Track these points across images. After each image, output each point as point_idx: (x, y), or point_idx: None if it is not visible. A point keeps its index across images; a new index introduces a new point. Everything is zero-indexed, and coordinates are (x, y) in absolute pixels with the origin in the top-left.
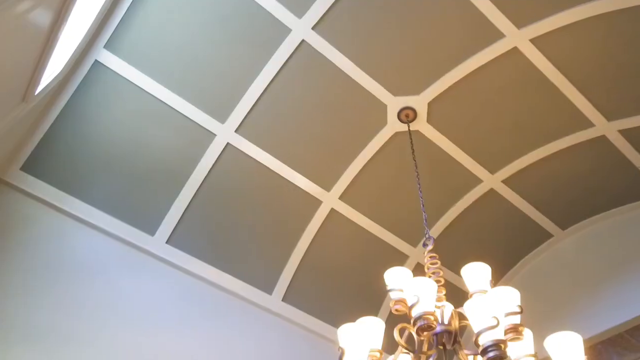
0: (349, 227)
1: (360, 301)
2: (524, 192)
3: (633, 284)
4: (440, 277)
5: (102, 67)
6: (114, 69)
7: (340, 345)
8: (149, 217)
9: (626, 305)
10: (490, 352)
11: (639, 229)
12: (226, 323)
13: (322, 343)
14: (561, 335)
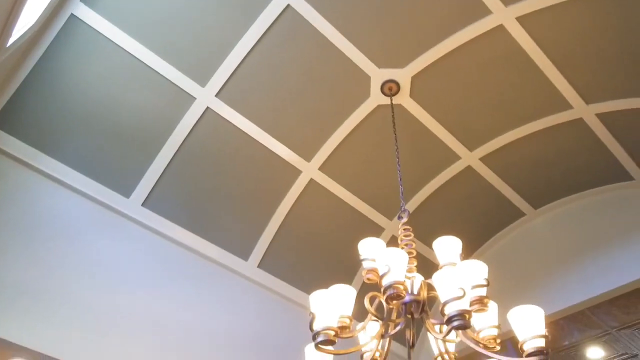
0: (327, 198)
1: (335, 270)
2: (500, 171)
3: (597, 264)
4: (413, 249)
5: (78, 21)
6: (91, 24)
7: (311, 310)
8: (125, 179)
9: (589, 284)
10: (455, 322)
11: (607, 212)
12: (202, 287)
13: (297, 309)
14: (524, 308)
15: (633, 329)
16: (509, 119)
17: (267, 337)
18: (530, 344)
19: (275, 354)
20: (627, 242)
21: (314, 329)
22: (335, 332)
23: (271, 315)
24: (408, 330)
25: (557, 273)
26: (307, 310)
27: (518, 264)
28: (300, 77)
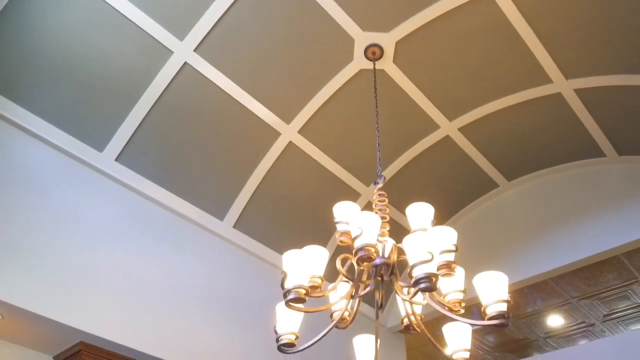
0: (305, 161)
1: (311, 233)
2: (478, 142)
3: (563, 237)
4: (386, 214)
5: None
6: None
7: (283, 269)
8: (98, 132)
9: (555, 255)
10: (422, 284)
11: (577, 186)
12: (177, 246)
13: (271, 270)
14: (488, 274)
15: (592, 300)
16: (489, 90)
17: (241, 296)
18: (493, 308)
19: (249, 312)
20: (593, 217)
21: (285, 287)
22: (306, 290)
23: (246, 275)
24: (377, 292)
25: (525, 244)
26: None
27: (488, 233)
28: (283, 36)
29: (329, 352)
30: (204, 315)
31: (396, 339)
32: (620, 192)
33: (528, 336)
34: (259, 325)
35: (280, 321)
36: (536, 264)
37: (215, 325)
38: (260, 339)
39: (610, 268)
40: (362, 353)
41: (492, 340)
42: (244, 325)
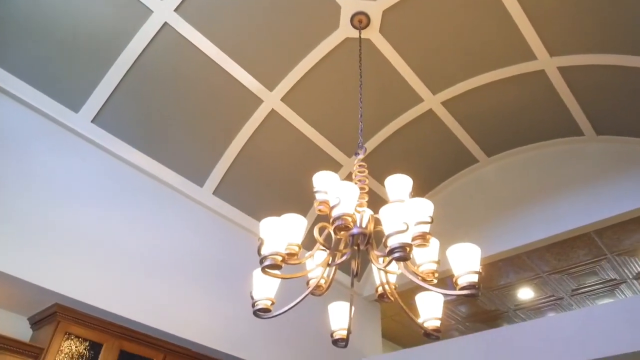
0: (287, 130)
1: (291, 202)
2: (460, 117)
3: (538, 213)
4: (366, 185)
5: None
6: None
7: (260, 236)
8: (74, 92)
9: (529, 230)
10: (396, 253)
11: (554, 164)
12: (155, 210)
13: (250, 237)
14: (462, 246)
15: (562, 274)
16: (474, 65)
17: (219, 261)
18: (464, 279)
19: (227, 277)
20: (568, 194)
21: (262, 254)
22: (282, 257)
23: (224, 241)
24: (354, 261)
25: (501, 219)
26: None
27: (466, 207)
28: (268, 0)
29: (305, 318)
30: (181, 279)
31: (372, 307)
32: (595, 171)
33: (499, 308)
34: (236, 290)
35: (257, 287)
36: (511, 239)
37: (192, 289)
38: (237, 303)
39: (581, 244)
40: (336, 319)
41: (464, 311)
42: (221, 290)
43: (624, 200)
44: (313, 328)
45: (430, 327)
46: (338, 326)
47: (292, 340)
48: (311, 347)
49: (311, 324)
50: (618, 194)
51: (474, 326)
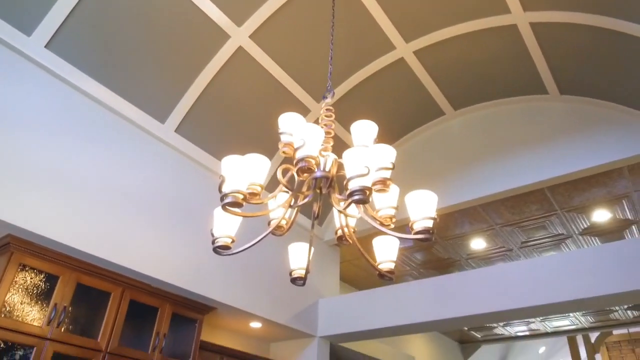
0: (255, 70)
1: (255, 144)
2: (431, 67)
3: (497, 167)
4: (332, 130)
5: None
6: None
7: (222, 173)
8: (26, 14)
9: (487, 184)
10: (356, 196)
11: (517, 121)
12: (113, 144)
13: (211, 177)
14: (420, 192)
15: (514, 227)
16: (449, 14)
17: (180, 200)
18: (420, 224)
19: (187, 216)
20: (527, 151)
21: (223, 191)
22: (243, 196)
23: (185, 180)
24: (315, 204)
25: (461, 171)
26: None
27: (429, 159)
28: None
29: (266, 258)
30: (141, 215)
31: (332, 251)
32: (555, 129)
33: (452, 256)
34: (197, 229)
35: (217, 224)
36: (469, 191)
37: (151, 226)
38: (198, 241)
39: (535, 200)
40: (296, 259)
41: (419, 258)
42: (182, 228)
43: (578, 159)
44: (273, 268)
45: (385, 269)
46: (297, 265)
47: (253, 278)
48: (271, 286)
49: (272, 263)
50: (573, 153)
51: (428, 273)
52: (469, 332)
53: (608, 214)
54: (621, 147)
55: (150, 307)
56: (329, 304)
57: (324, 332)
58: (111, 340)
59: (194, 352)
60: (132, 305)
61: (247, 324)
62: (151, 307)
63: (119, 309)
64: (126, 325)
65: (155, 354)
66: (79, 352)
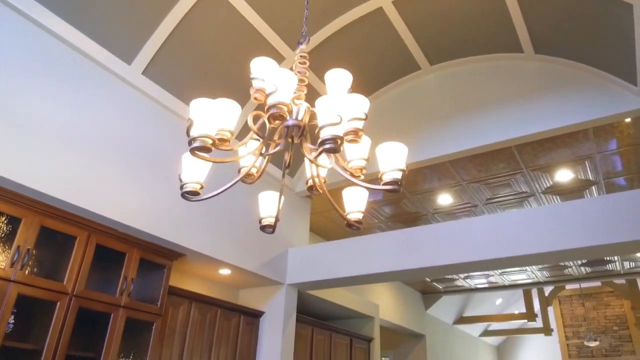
0: (228, 12)
1: (226, 90)
2: (409, 20)
3: (468, 124)
4: (305, 78)
5: None
6: None
7: (190, 116)
8: None
9: (457, 140)
10: (327, 144)
11: (491, 78)
12: (76, 85)
13: (180, 123)
14: (390, 144)
15: (480, 184)
16: None
17: (147, 144)
18: (389, 175)
19: (155, 161)
20: (498, 109)
21: (191, 135)
22: (212, 140)
23: (154, 125)
24: (286, 152)
25: (433, 127)
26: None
27: (402, 114)
28: None
29: (235, 205)
30: (107, 159)
31: (303, 202)
32: (526, 89)
33: (419, 210)
34: (166, 175)
35: (186, 170)
36: (439, 147)
37: (119, 170)
38: (167, 187)
39: (502, 158)
40: (266, 207)
41: (388, 212)
42: (150, 173)
43: (547, 119)
44: (243, 216)
45: (353, 219)
46: (267, 213)
47: (223, 225)
48: (241, 234)
49: (242, 212)
50: (543, 113)
51: (395, 226)
52: (431, 284)
53: (570, 174)
54: (589, 109)
55: (118, 252)
56: (298, 253)
57: (292, 280)
58: (77, 284)
59: (163, 297)
60: (99, 250)
61: (216, 270)
62: (119, 252)
63: (85, 253)
64: (93, 270)
65: (123, 298)
66: (45, 294)
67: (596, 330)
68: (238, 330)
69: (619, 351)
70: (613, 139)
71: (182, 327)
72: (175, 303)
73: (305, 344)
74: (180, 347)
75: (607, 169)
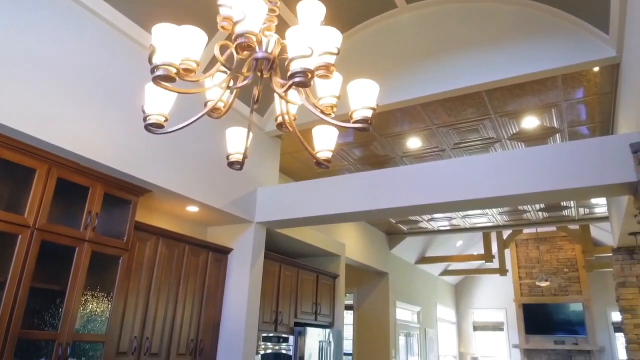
0: None
1: (194, 18)
2: None
3: (441, 67)
4: (276, 7)
5: None
6: None
7: (152, 43)
8: None
9: (429, 83)
10: (297, 78)
11: (467, 21)
12: (30, 10)
13: (142, 52)
14: (362, 81)
15: (449, 128)
16: None
17: (109, 75)
18: (359, 113)
19: (117, 93)
20: (472, 52)
21: (153, 63)
22: (176, 69)
23: (114, 53)
24: (255, 87)
25: (406, 69)
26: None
27: (376, 54)
28: None
29: (203, 142)
30: (64, 90)
31: (272, 142)
32: (500, 33)
33: (389, 154)
34: (126, 107)
35: (149, 101)
36: (411, 90)
37: (75, 102)
38: (130, 121)
39: (472, 102)
40: (233, 144)
41: (357, 154)
42: (110, 105)
43: (518, 65)
44: (212, 153)
45: (322, 158)
46: (234, 150)
47: (190, 162)
48: (209, 171)
49: (210, 149)
50: (514, 58)
51: (365, 168)
52: (396, 225)
53: (536, 121)
54: (561, 56)
55: (81, 186)
56: (267, 192)
57: (261, 218)
58: (39, 217)
59: (129, 232)
60: (62, 184)
61: (183, 207)
62: (82, 187)
63: (45, 186)
64: (56, 204)
65: (88, 232)
66: (5, 227)
67: (548, 272)
68: (206, 266)
69: (567, 291)
70: (580, 88)
71: (150, 263)
72: (142, 238)
73: (273, 279)
74: (147, 282)
75: (572, 118)
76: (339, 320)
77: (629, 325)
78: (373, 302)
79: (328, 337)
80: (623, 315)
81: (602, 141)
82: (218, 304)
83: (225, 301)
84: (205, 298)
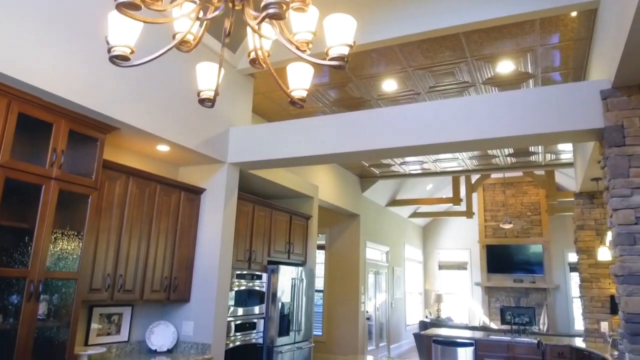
0: None
1: None
2: None
3: (419, 7)
4: None
5: None
6: None
7: None
8: None
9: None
10: (270, 9)
11: None
12: None
13: None
14: (339, 16)
15: (425, 71)
16: None
17: (72, 2)
18: (336, 50)
19: (78, 23)
20: None
21: None
22: None
23: None
24: (227, 19)
25: (384, 8)
26: None
27: None
28: None
29: (173, 78)
30: (20, 19)
31: (245, 81)
32: None
33: (364, 96)
34: (90, 39)
35: (113, 31)
36: (389, 29)
37: (34, 32)
38: (91, 54)
39: (449, 45)
40: (204, 80)
41: (333, 96)
42: (71, 36)
43: (499, 6)
44: (182, 90)
45: (297, 96)
46: (205, 86)
47: (159, 99)
48: (180, 110)
49: (180, 86)
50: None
51: (339, 110)
52: (368, 168)
53: (512, 66)
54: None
55: (44, 122)
56: (240, 132)
57: (234, 159)
58: (1, 153)
59: (97, 170)
60: (24, 120)
61: (153, 146)
62: (45, 123)
63: (6, 121)
64: (19, 140)
65: (54, 170)
66: None
67: (512, 215)
68: (179, 206)
69: (529, 233)
70: (557, 33)
71: (120, 202)
72: (112, 177)
73: (246, 219)
74: (119, 221)
75: (546, 64)
76: (311, 259)
77: (584, 265)
78: (344, 242)
79: (300, 274)
80: (579, 256)
81: (573, 87)
82: (192, 242)
83: (199, 240)
84: (178, 237)
